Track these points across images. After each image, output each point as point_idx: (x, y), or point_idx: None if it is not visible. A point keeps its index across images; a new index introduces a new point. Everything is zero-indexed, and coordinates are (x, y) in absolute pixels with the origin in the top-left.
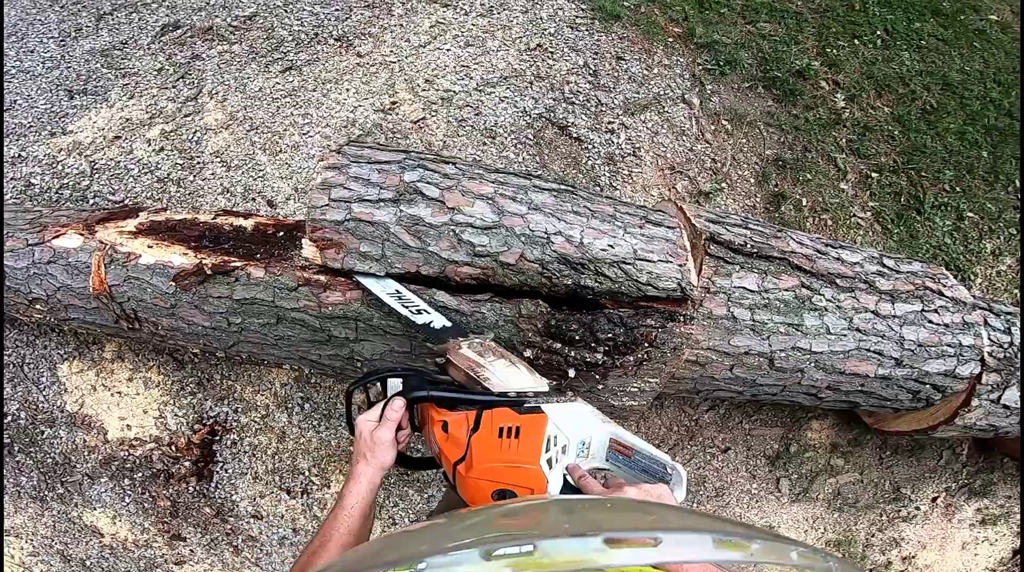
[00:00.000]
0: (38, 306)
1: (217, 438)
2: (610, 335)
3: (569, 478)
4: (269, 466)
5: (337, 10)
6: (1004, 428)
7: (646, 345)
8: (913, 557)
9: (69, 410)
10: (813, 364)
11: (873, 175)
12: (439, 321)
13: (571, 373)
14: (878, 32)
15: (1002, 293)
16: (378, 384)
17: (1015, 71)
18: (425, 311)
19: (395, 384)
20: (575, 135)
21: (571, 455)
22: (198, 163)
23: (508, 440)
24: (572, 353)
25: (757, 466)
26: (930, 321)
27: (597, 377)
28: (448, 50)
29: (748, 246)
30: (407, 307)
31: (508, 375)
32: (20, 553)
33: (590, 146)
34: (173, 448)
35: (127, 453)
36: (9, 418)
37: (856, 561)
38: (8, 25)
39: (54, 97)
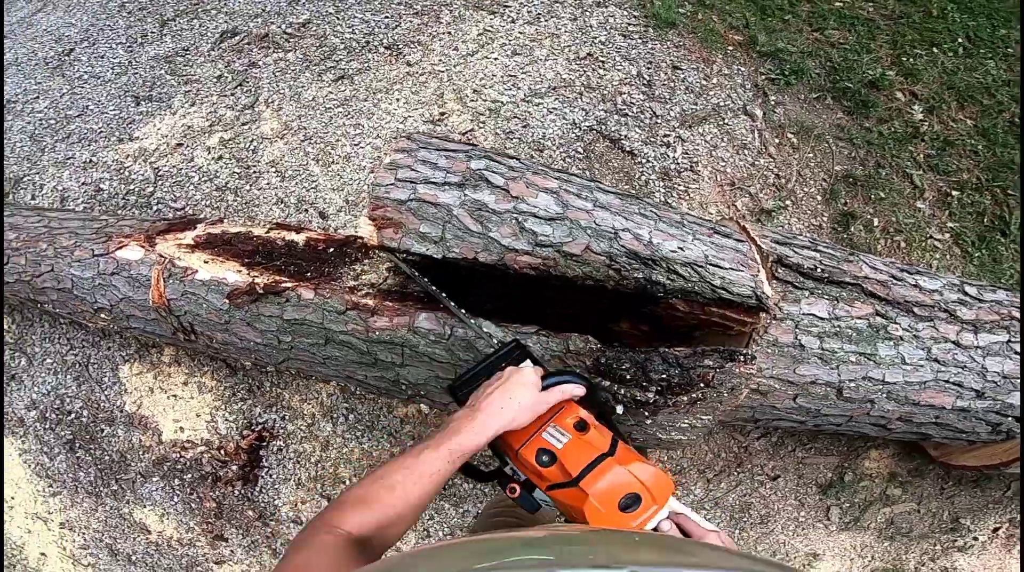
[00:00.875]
0: (102, 315)
1: (264, 444)
2: (664, 376)
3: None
4: (312, 473)
5: (387, 17)
6: None
7: (702, 386)
8: None
9: (128, 410)
10: (885, 395)
11: (953, 193)
12: (496, 333)
13: (619, 409)
14: (959, 40)
15: None
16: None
17: None
18: (493, 330)
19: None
20: (628, 149)
21: None
22: (254, 172)
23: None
24: (622, 391)
25: (807, 494)
26: (1016, 352)
27: (646, 414)
28: (496, 59)
29: (818, 270)
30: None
31: None
32: (72, 545)
33: (644, 160)
34: (222, 452)
35: (179, 455)
36: (72, 416)
37: None
38: (80, 31)
39: (122, 103)
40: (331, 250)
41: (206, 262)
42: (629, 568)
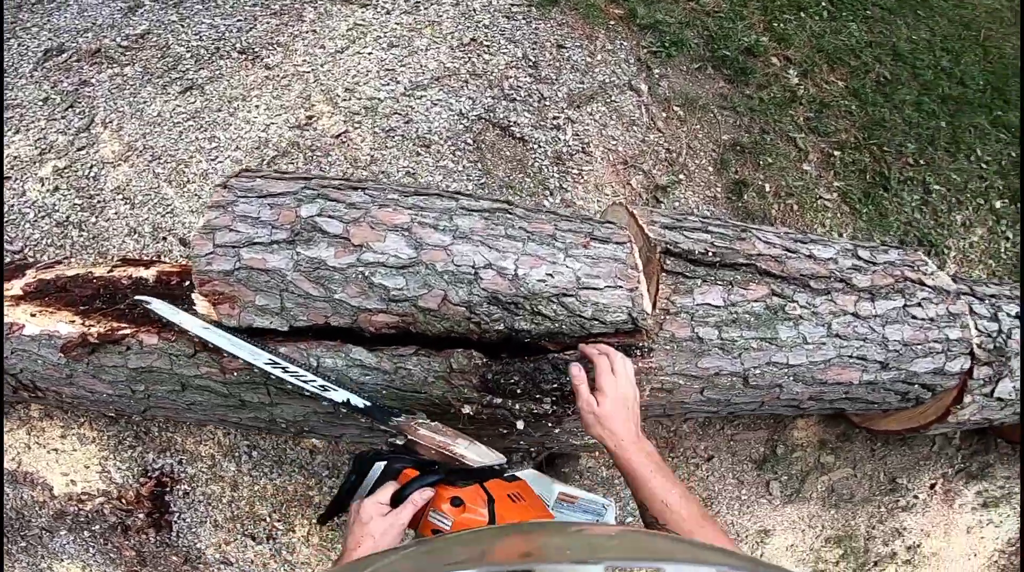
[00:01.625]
0: None
1: (167, 489)
2: (555, 385)
3: None
4: (228, 514)
5: (239, 20)
6: (1000, 420)
7: None
8: (918, 545)
9: (7, 468)
10: (791, 378)
11: (835, 153)
12: (357, 400)
13: (519, 425)
14: (823, 3)
15: (976, 265)
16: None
17: (961, 39)
18: (331, 388)
19: (378, 466)
20: (519, 135)
21: None
22: (99, 202)
23: (520, 503)
24: (517, 406)
25: (744, 471)
26: (914, 317)
27: (549, 425)
28: (370, 54)
29: (710, 254)
30: (308, 383)
31: (476, 452)
32: None
33: (536, 146)
34: (123, 501)
35: (77, 508)
36: None
37: (859, 555)
38: None
39: None
40: (187, 284)
41: (33, 315)
42: (606, 563)
